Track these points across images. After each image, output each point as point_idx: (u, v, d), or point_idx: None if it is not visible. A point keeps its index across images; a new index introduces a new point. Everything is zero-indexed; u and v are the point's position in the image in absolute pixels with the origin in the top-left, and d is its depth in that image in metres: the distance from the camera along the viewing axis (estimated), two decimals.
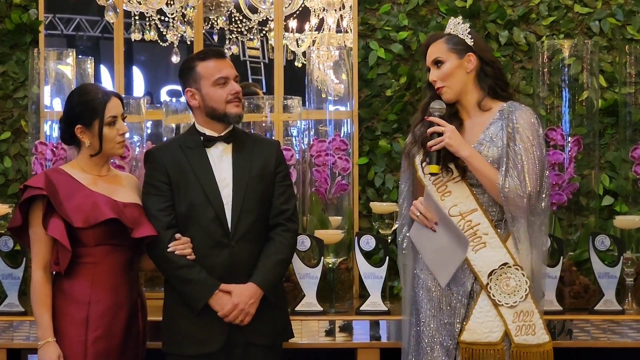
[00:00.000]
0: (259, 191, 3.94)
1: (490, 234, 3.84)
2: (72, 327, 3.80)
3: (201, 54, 4.04)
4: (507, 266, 3.81)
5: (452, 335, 3.82)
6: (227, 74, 3.93)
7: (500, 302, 3.79)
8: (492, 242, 3.84)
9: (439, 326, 3.84)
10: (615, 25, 5.27)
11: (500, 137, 3.83)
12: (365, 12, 5.36)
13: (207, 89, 3.93)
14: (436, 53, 3.90)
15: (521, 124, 3.83)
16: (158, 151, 4.05)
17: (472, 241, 3.83)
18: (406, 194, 4.05)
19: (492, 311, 3.80)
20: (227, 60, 3.99)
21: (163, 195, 3.92)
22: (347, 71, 5.17)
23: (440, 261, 3.84)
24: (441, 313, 3.85)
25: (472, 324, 3.80)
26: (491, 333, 3.79)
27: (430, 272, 3.88)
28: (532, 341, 3.82)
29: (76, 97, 3.92)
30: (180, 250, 3.86)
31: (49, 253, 3.83)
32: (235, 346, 3.89)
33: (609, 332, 4.51)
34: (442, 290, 3.85)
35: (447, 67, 3.88)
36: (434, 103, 3.87)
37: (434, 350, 3.82)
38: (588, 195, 4.97)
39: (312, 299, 4.58)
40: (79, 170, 3.92)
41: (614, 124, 5.20)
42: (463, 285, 3.83)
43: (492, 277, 3.80)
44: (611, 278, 4.61)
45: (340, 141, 4.91)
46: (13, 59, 5.33)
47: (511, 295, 3.80)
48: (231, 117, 3.94)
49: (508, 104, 3.90)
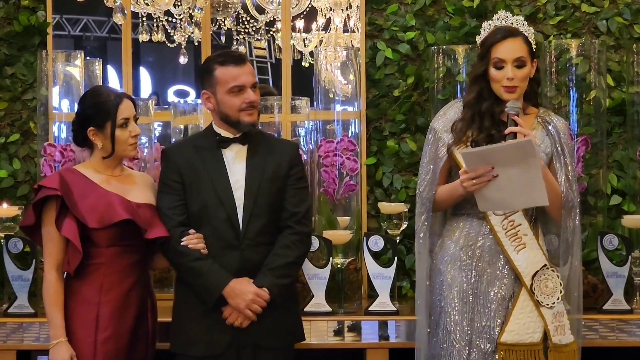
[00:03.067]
0: (271, 194, 3.93)
1: (529, 235, 3.87)
2: (81, 327, 3.81)
3: (221, 57, 3.98)
4: (546, 267, 3.85)
5: (490, 339, 3.82)
6: (244, 82, 3.90)
7: (542, 303, 3.81)
8: (530, 243, 3.86)
9: (475, 329, 3.83)
10: (622, 25, 5.26)
11: (546, 144, 3.87)
12: (373, 12, 5.36)
13: (221, 95, 3.91)
14: (520, 52, 3.86)
15: (565, 132, 3.91)
16: (172, 150, 4.06)
17: (513, 242, 3.84)
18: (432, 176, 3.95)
19: (534, 312, 3.82)
20: (246, 66, 3.93)
21: (176, 194, 3.93)
22: (355, 71, 5.17)
23: (525, 189, 3.69)
24: (477, 315, 3.84)
25: (513, 325, 3.80)
26: (533, 334, 3.81)
27: (462, 271, 3.86)
28: (564, 341, 3.86)
29: (88, 100, 3.93)
30: (193, 244, 3.86)
31: (61, 253, 3.84)
32: (244, 348, 3.88)
33: (617, 331, 4.51)
34: (477, 291, 3.84)
35: (527, 71, 3.87)
36: (511, 102, 3.82)
37: (471, 353, 3.81)
38: (596, 194, 4.96)
39: (320, 299, 4.58)
40: (92, 171, 3.93)
41: (621, 123, 5.19)
42: (504, 286, 3.84)
43: (535, 278, 3.81)
44: (619, 277, 4.61)
45: (348, 141, 4.92)
46: (21, 61, 5.33)
47: (550, 297, 3.83)
48: (244, 125, 3.92)
49: (542, 111, 3.97)
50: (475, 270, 3.87)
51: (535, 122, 3.93)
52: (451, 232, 3.96)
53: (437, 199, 3.94)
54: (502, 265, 3.86)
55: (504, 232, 3.85)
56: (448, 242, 3.95)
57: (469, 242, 3.90)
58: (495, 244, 3.87)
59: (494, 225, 3.87)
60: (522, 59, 3.85)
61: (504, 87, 3.85)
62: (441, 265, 3.93)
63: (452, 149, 3.92)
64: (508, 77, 3.83)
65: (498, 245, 3.87)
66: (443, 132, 3.95)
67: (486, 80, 3.89)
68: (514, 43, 3.87)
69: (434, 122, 4.02)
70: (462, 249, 3.90)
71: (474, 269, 3.87)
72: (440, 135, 3.95)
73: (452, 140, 3.92)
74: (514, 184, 3.69)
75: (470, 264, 3.88)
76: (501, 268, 3.86)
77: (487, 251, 3.88)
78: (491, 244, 3.88)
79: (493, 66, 3.87)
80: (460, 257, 3.90)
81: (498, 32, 3.90)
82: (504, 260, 3.87)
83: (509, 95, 3.85)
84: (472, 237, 3.90)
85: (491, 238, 3.88)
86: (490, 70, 3.87)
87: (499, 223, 3.86)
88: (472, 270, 3.87)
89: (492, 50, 3.86)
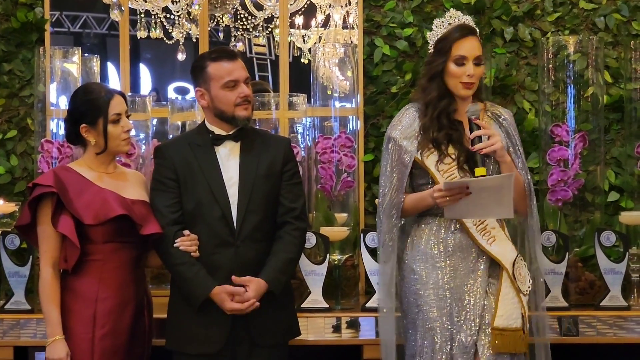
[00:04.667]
0: (265, 191, 3.93)
1: (497, 228, 3.89)
2: (79, 324, 3.81)
3: (213, 53, 4.00)
4: (518, 257, 3.89)
5: (470, 332, 3.81)
6: (237, 76, 3.91)
7: (520, 289, 3.84)
8: (499, 236, 3.88)
9: (454, 324, 3.83)
10: (620, 21, 5.26)
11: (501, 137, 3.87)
12: (371, 9, 5.36)
13: (216, 91, 3.91)
14: (479, 50, 3.89)
15: (513, 123, 3.99)
16: (167, 147, 4.05)
17: (484, 236, 3.86)
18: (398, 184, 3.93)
19: (515, 298, 3.85)
20: (238, 61, 3.94)
21: (170, 192, 3.92)
22: (353, 68, 5.18)
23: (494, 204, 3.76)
24: (455, 310, 3.83)
25: (502, 310, 3.81)
26: (517, 319, 3.83)
27: (435, 268, 3.87)
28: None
29: (80, 97, 3.93)
30: (185, 246, 3.86)
31: (57, 250, 3.84)
32: (240, 345, 3.89)
33: (615, 327, 4.51)
34: (453, 286, 3.84)
35: (482, 69, 3.92)
36: (471, 106, 3.84)
37: (453, 348, 3.81)
38: (593, 191, 4.96)
39: (318, 295, 4.59)
40: (85, 168, 3.93)
41: (619, 119, 5.19)
42: (479, 278, 3.85)
43: (515, 265, 3.85)
44: (617, 274, 4.61)
45: (345, 138, 4.92)
46: (19, 58, 5.34)
47: (524, 284, 3.87)
48: (239, 119, 3.92)
49: (489, 105, 4.03)
50: (449, 267, 3.88)
51: (485, 117, 3.95)
52: (420, 232, 3.95)
53: (403, 208, 3.94)
54: (475, 258, 3.88)
55: (474, 228, 3.87)
56: (418, 241, 3.94)
57: (439, 239, 3.90)
58: (466, 238, 3.88)
59: (465, 221, 3.89)
60: (480, 57, 3.89)
61: (463, 83, 3.87)
62: (414, 265, 3.92)
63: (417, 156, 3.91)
64: (469, 73, 3.85)
65: (469, 239, 3.88)
66: (402, 139, 3.93)
67: (442, 78, 3.90)
68: (474, 41, 3.90)
69: (391, 131, 3.98)
70: (433, 247, 3.90)
71: (447, 265, 3.88)
72: (400, 144, 3.93)
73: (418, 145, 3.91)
74: (483, 200, 3.76)
75: (444, 260, 3.89)
76: (474, 262, 3.88)
77: (458, 246, 3.89)
78: (461, 239, 3.89)
79: (454, 62, 3.87)
80: (432, 255, 3.90)
81: (460, 30, 3.90)
82: (476, 254, 3.88)
83: (466, 92, 3.88)
84: (442, 234, 3.91)
85: (461, 234, 3.89)
86: (449, 66, 3.88)
87: (469, 220, 3.88)
88: (446, 266, 3.88)
89: (454, 47, 3.87)
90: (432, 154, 3.89)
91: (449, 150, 3.87)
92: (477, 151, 3.78)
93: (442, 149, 3.87)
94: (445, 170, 3.86)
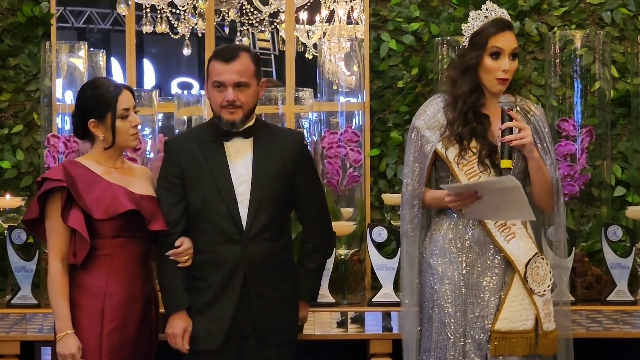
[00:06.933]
0: (277, 189, 3.89)
1: (517, 224, 3.86)
2: (87, 319, 3.81)
3: (217, 50, 3.96)
4: (537, 255, 3.85)
5: (484, 329, 3.81)
6: (224, 80, 3.82)
7: (534, 290, 3.81)
8: (519, 232, 3.85)
9: (469, 320, 3.83)
10: (627, 16, 5.26)
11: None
12: (377, 3, 5.35)
13: (209, 88, 3.90)
14: (515, 43, 3.86)
15: (543, 120, 3.94)
16: (174, 142, 4.03)
17: (502, 232, 3.84)
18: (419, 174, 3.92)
19: (527, 299, 3.82)
20: (234, 64, 3.83)
21: (174, 190, 3.91)
22: (359, 63, 5.18)
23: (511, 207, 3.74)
24: (470, 306, 3.83)
25: (506, 313, 3.80)
26: (526, 321, 3.81)
27: (452, 264, 3.85)
28: (550, 328, 3.86)
29: (88, 91, 3.93)
30: (175, 257, 3.87)
31: (66, 245, 3.84)
32: (247, 340, 3.88)
33: (621, 322, 4.51)
34: (469, 283, 3.84)
35: (517, 64, 3.87)
36: (504, 97, 3.79)
37: (466, 344, 3.82)
38: (600, 185, 4.97)
39: (324, 290, 4.57)
40: (94, 163, 3.93)
41: (626, 114, 5.19)
42: (495, 276, 3.84)
43: (529, 266, 3.82)
44: (623, 269, 4.60)
45: (351, 133, 4.92)
46: (25, 52, 5.33)
47: (541, 284, 3.83)
48: (223, 122, 3.86)
49: (520, 100, 3.95)
50: (465, 262, 3.87)
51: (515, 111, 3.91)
52: (439, 226, 3.94)
53: (424, 201, 3.94)
54: (492, 255, 3.85)
55: (493, 223, 3.84)
56: (436, 236, 3.93)
57: (457, 235, 3.89)
58: (483, 234, 3.86)
59: None
60: (516, 52, 3.86)
61: (499, 79, 3.83)
62: (431, 259, 3.92)
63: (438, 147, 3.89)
64: (504, 68, 3.81)
65: (487, 236, 3.86)
66: (425, 129, 3.91)
67: (476, 72, 3.87)
68: (512, 35, 3.86)
69: (415, 120, 3.96)
70: (450, 242, 3.89)
71: (464, 261, 3.87)
72: (423, 133, 3.91)
73: (441, 137, 3.88)
74: (497, 203, 3.73)
75: (460, 256, 3.87)
76: (491, 258, 3.85)
77: (475, 242, 3.87)
78: (479, 234, 3.86)
79: (489, 56, 3.83)
80: (449, 250, 3.88)
81: (496, 24, 3.85)
82: (493, 250, 3.86)
83: (501, 88, 3.83)
84: (460, 230, 3.89)
85: (479, 229, 3.87)
86: (484, 60, 3.83)
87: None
88: (463, 262, 3.87)
89: (491, 40, 3.82)
90: (454, 147, 3.86)
91: (472, 144, 3.83)
92: (507, 143, 3.75)
93: (464, 144, 3.83)
94: (464, 164, 3.84)
